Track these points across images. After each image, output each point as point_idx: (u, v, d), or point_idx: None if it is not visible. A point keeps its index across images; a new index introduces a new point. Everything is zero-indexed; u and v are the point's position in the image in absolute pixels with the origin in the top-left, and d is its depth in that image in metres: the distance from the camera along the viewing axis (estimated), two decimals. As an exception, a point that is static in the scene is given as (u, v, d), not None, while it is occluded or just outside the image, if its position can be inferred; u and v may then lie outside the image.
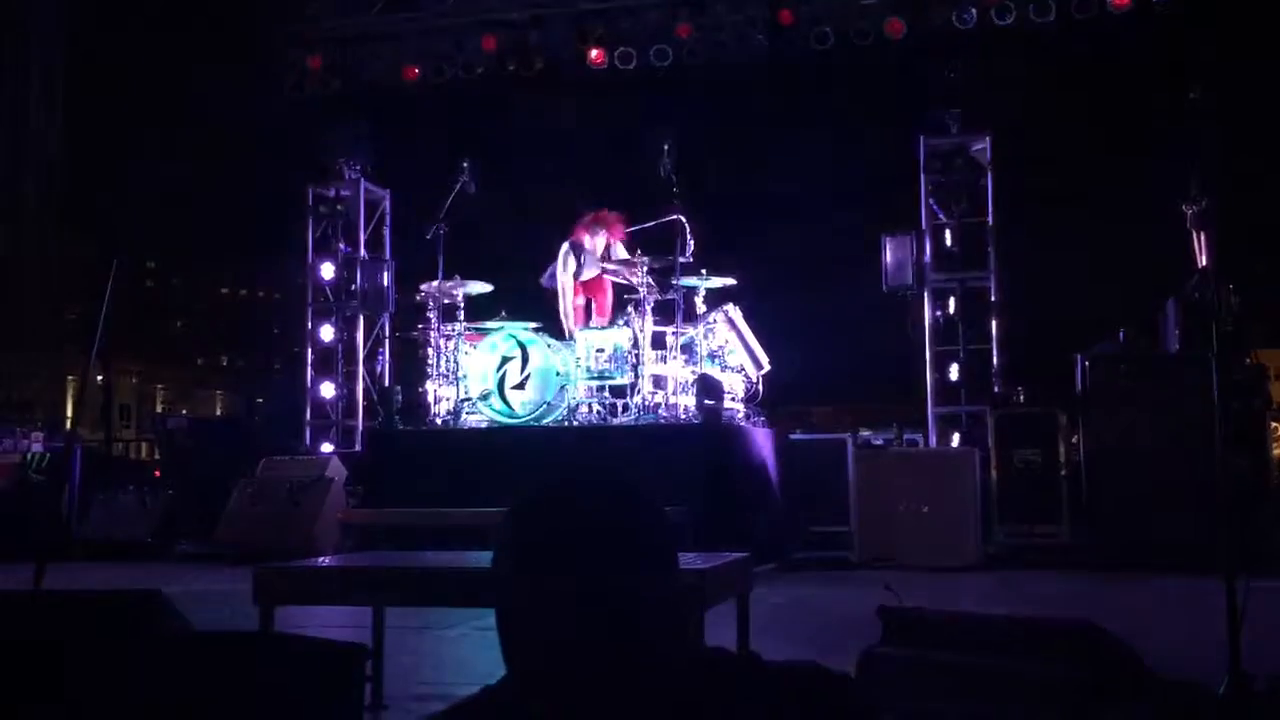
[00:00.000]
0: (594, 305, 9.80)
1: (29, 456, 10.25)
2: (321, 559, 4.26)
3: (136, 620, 2.97)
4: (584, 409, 9.18)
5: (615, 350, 9.08)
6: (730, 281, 9.29)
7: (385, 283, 11.88)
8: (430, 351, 9.35)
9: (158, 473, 12.46)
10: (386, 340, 11.91)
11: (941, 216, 10.52)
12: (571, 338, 9.42)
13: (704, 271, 9.10)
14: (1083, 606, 6.43)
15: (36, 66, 13.04)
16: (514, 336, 9.14)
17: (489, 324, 9.33)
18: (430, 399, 9.37)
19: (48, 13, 13.12)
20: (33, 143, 12.86)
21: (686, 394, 8.89)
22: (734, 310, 9.27)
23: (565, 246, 9.62)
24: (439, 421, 9.29)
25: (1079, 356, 8.79)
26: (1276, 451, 9.01)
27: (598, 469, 1.78)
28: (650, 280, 8.96)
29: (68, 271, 13.29)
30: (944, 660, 3.08)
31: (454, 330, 9.27)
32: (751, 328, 9.36)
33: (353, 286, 11.85)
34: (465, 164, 9.58)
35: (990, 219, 10.42)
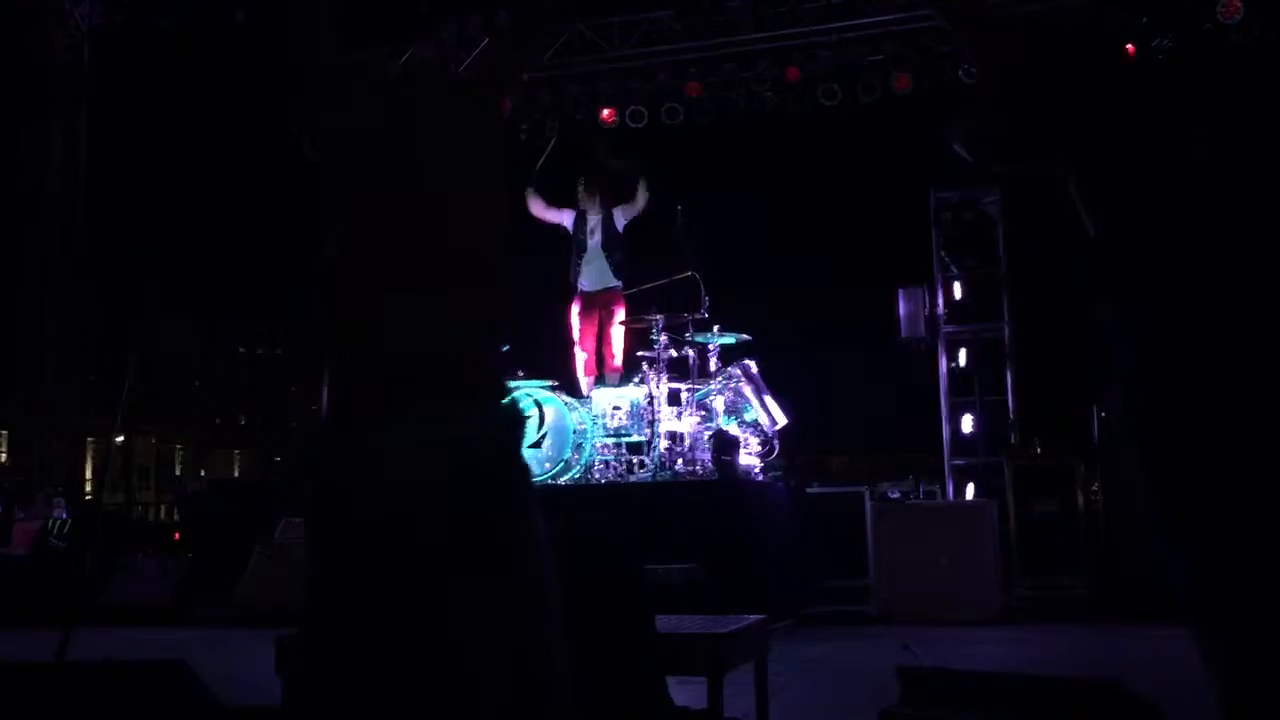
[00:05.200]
0: (605, 355, 9.88)
1: (50, 523, 10.30)
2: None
3: (160, 692, 3.00)
4: (601, 466, 9.21)
5: (631, 407, 9.13)
6: (745, 337, 9.35)
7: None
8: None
9: (177, 535, 12.51)
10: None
11: (954, 268, 10.57)
12: (588, 396, 9.48)
13: (717, 328, 9.16)
14: (1104, 660, 6.41)
15: (59, 127, 13.24)
16: (530, 395, 9.19)
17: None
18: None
19: (71, 72, 13.35)
20: (51, 202, 13.05)
21: (703, 450, 8.92)
22: (750, 365, 9.32)
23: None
24: (457, 481, 9.31)
25: (1095, 406, 8.79)
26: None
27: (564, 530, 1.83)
28: (665, 338, 9.04)
29: (87, 332, 13.45)
30: (963, 720, 3.08)
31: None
32: (767, 381, 9.39)
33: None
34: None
35: (1002, 270, 10.47)
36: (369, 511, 1.71)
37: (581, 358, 9.95)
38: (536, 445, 9.12)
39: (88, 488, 17.28)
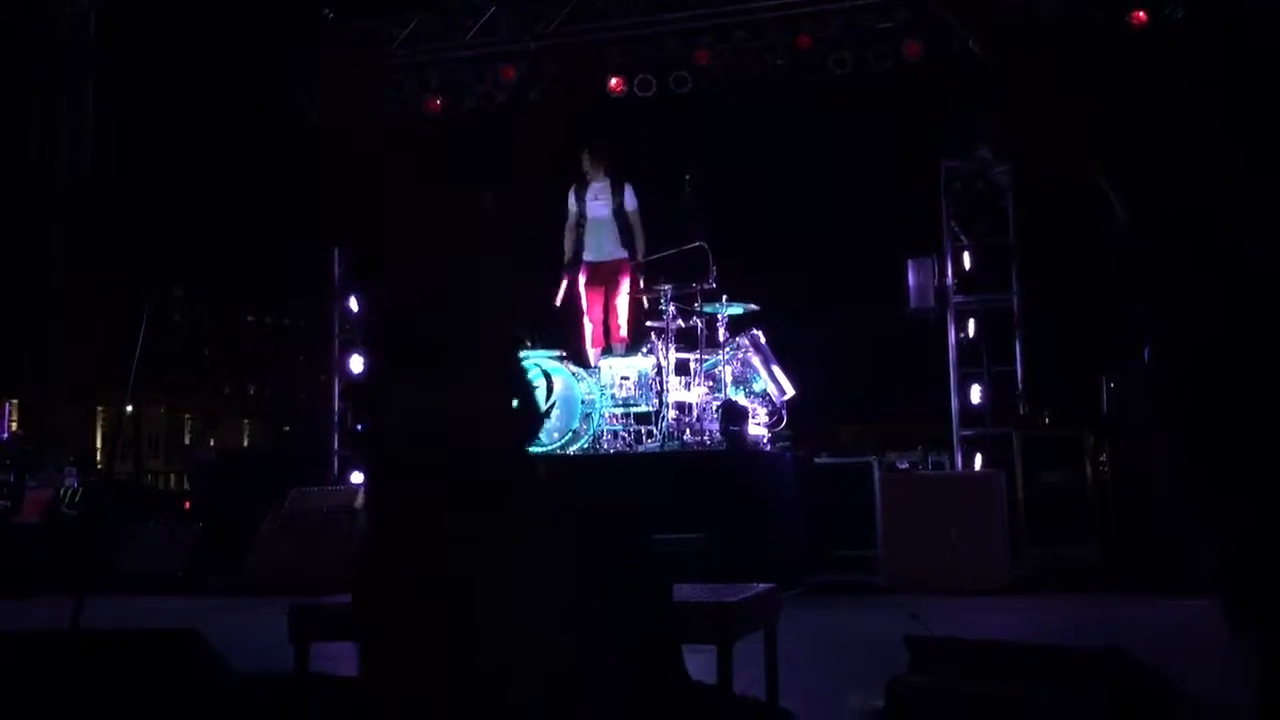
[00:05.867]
0: (611, 326, 9.81)
1: (62, 491, 10.36)
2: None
3: (174, 660, 3.02)
4: (609, 436, 9.23)
5: (640, 377, 9.13)
6: (753, 307, 9.33)
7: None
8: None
9: (187, 504, 12.56)
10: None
11: (963, 238, 10.52)
12: (596, 366, 9.48)
13: (725, 298, 9.14)
14: (1113, 630, 6.42)
15: (65, 94, 13.25)
16: (538, 365, 9.20)
17: (514, 353, 9.38)
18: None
19: (78, 42, 13.35)
20: (59, 172, 13.07)
21: (711, 420, 8.93)
22: (758, 336, 9.31)
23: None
24: (465, 451, 9.32)
25: (1104, 377, 8.77)
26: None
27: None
28: (673, 308, 9.03)
29: (95, 301, 13.50)
30: (971, 689, 3.10)
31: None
32: (776, 352, 9.39)
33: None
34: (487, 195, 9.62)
35: (1012, 240, 10.42)
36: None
37: (589, 329, 9.93)
38: (545, 415, 9.13)
39: (98, 457, 17.35)
